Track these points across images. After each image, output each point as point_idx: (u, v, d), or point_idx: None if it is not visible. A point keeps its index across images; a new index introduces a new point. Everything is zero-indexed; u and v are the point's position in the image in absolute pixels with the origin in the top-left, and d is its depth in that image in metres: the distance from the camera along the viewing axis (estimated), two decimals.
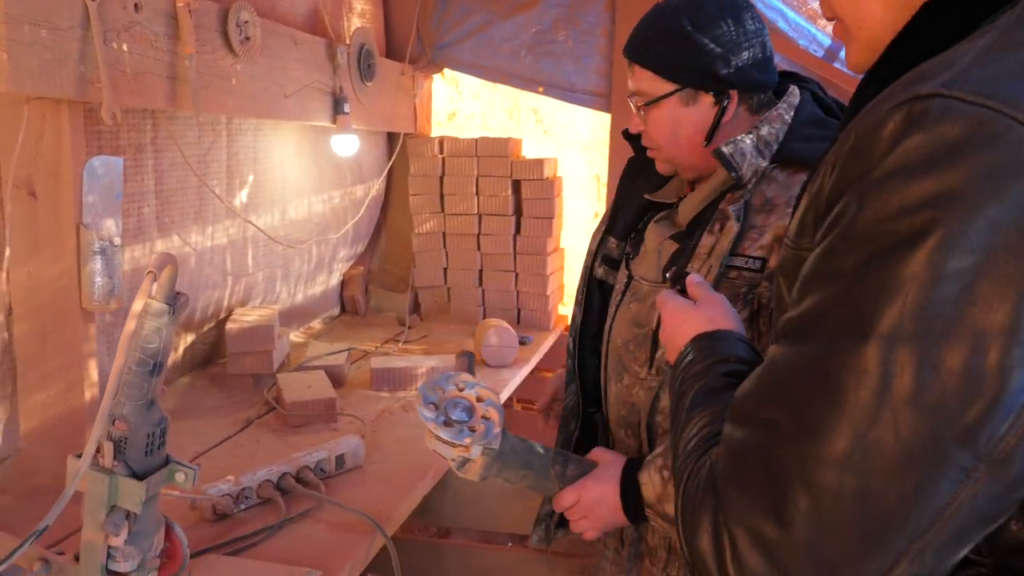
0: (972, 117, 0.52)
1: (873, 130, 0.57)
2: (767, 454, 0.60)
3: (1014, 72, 0.54)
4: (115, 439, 0.99)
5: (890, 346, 0.54)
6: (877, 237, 0.55)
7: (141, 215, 1.94)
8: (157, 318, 0.98)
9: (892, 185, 0.55)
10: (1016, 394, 0.52)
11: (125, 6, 1.58)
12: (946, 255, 0.52)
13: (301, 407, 1.98)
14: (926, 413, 0.53)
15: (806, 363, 0.59)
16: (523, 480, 1.25)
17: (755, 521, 0.59)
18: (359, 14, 2.85)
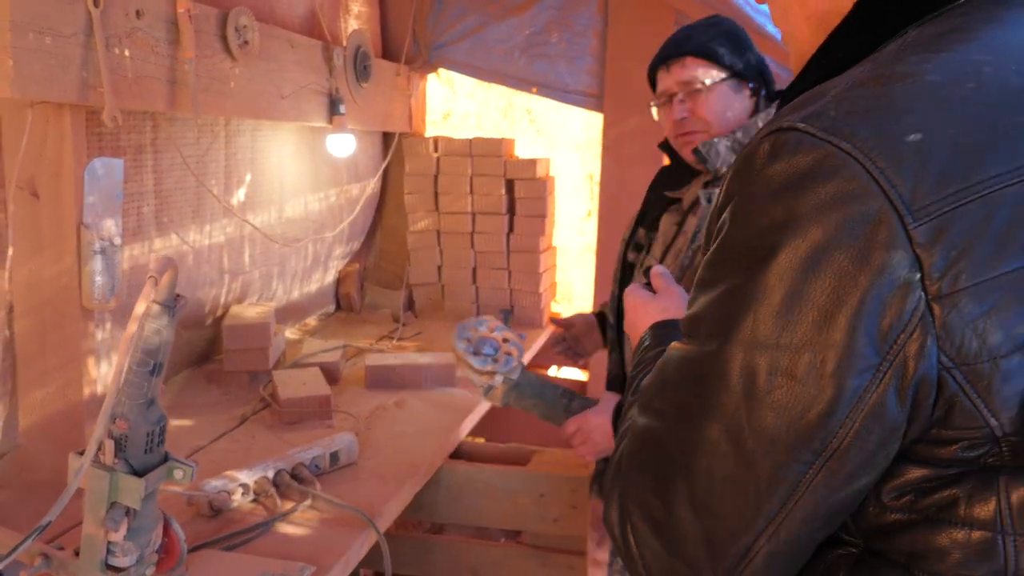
0: (819, 151, 0.58)
1: (750, 154, 0.62)
2: (657, 440, 0.67)
3: (864, 110, 0.58)
4: (116, 437, 1.04)
5: (748, 352, 0.60)
6: (741, 253, 0.62)
7: (140, 214, 1.97)
8: (157, 320, 1.02)
9: (754, 207, 0.61)
10: (848, 399, 0.57)
11: (127, 12, 1.61)
12: (788, 273, 0.58)
13: (296, 404, 2.02)
14: (776, 412, 0.59)
15: (686, 361, 0.66)
16: (535, 408, 1.53)
17: (647, 500, 0.67)
18: (355, 16, 2.89)
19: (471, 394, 2.33)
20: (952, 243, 0.55)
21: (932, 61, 0.61)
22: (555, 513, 1.86)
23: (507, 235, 3.14)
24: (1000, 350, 0.56)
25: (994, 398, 0.57)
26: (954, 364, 0.57)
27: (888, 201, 0.55)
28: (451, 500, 1.90)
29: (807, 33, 0.74)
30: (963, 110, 0.58)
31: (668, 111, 1.55)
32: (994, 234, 0.55)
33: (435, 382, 2.36)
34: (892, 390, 0.57)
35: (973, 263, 0.55)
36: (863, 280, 0.56)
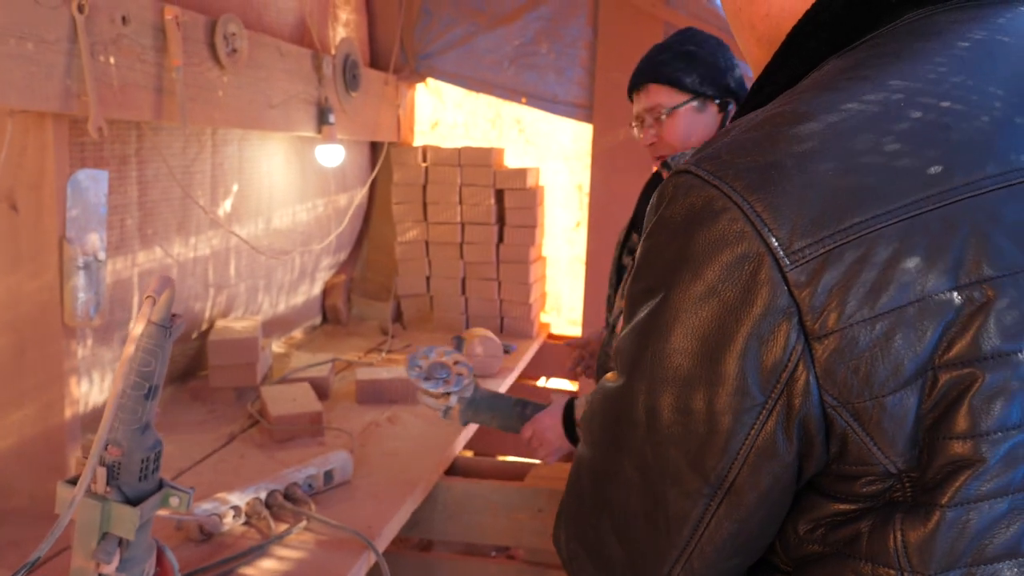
0: (706, 194, 0.59)
1: (660, 193, 0.64)
2: (588, 471, 0.70)
3: (751, 153, 0.59)
4: (108, 464, 0.98)
5: (650, 386, 0.62)
6: (645, 290, 0.63)
7: (124, 227, 1.91)
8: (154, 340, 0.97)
9: (657, 245, 0.63)
10: (738, 435, 0.58)
11: (113, 19, 1.56)
12: (681, 311, 0.59)
13: (287, 421, 1.97)
14: (676, 446, 0.61)
15: (607, 394, 0.67)
16: (493, 421, 1.62)
17: (582, 526, 0.70)
18: (344, 24, 2.84)
19: None
20: (828, 284, 0.55)
21: (826, 101, 0.60)
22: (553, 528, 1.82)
23: (497, 245, 3.10)
24: (882, 389, 0.55)
25: (882, 436, 0.56)
26: (838, 402, 0.56)
27: (764, 244, 0.56)
28: (448, 517, 1.86)
29: (759, 54, 0.76)
30: (842, 150, 0.57)
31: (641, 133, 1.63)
32: (872, 274, 0.55)
33: None
34: (779, 427, 0.58)
35: (850, 303, 0.55)
36: (745, 320, 0.57)
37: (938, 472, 0.56)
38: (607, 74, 2.93)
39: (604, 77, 2.94)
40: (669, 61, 1.54)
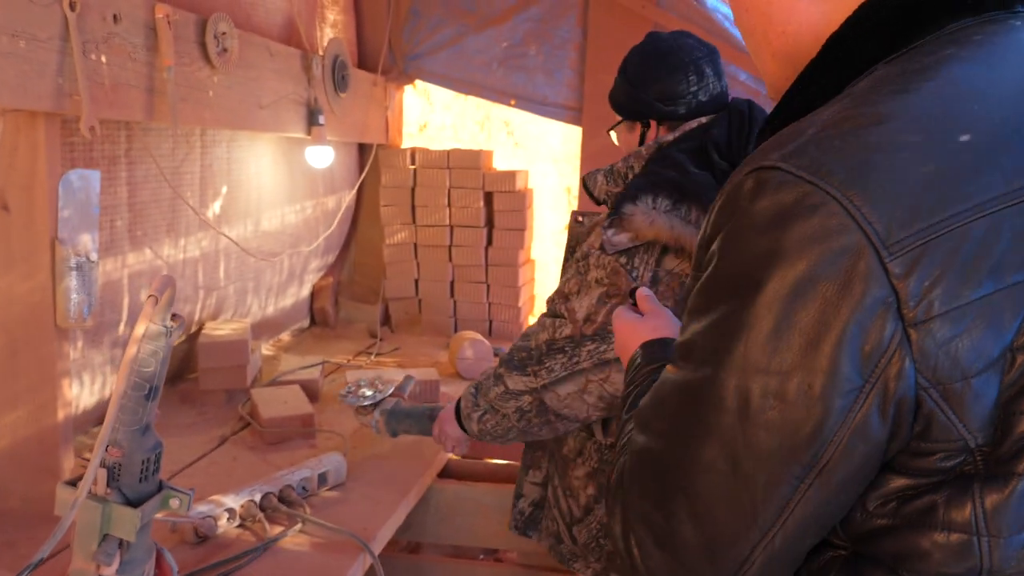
0: (799, 189, 0.62)
1: (735, 189, 0.67)
2: (656, 460, 0.71)
3: (839, 150, 0.62)
4: (108, 466, 0.97)
5: (741, 377, 0.64)
6: (731, 283, 0.66)
7: (113, 228, 1.89)
8: (154, 341, 0.96)
9: (742, 240, 0.65)
10: (835, 419, 0.62)
11: (104, 17, 1.54)
12: (776, 303, 0.62)
13: (278, 423, 1.96)
14: (769, 432, 0.63)
15: (682, 386, 0.70)
16: (412, 428, 1.79)
17: (649, 514, 0.70)
18: (332, 24, 2.84)
19: None
20: (924, 274, 0.59)
21: (900, 102, 0.64)
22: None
23: (485, 248, 3.10)
24: (971, 370, 0.61)
25: (967, 414, 0.62)
26: (930, 384, 0.61)
27: (865, 237, 0.59)
28: (440, 520, 1.85)
29: (775, 68, 0.81)
30: (932, 149, 0.62)
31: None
32: (961, 265, 0.59)
33: (418, 399, 2.30)
34: (875, 409, 0.61)
35: (944, 292, 0.59)
36: (845, 309, 0.60)
37: (1013, 445, 0.62)
38: (596, 76, 2.94)
39: (593, 79, 2.95)
40: (616, 86, 1.69)
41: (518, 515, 1.72)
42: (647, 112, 1.58)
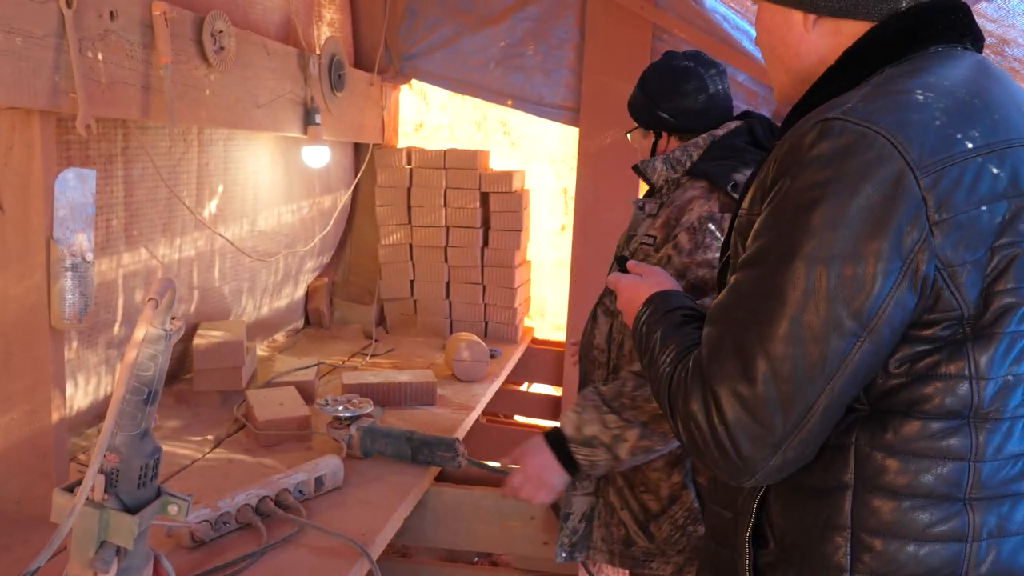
0: (857, 131, 0.90)
1: (800, 138, 0.94)
2: (737, 338, 0.93)
3: (881, 109, 0.92)
4: (106, 471, 0.96)
5: (811, 264, 0.89)
6: (801, 200, 0.91)
7: (109, 227, 1.87)
8: (153, 345, 0.95)
9: (810, 170, 0.91)
10: (884, 290, 0.88)
11: (101, 14, 1.52)
12: (840, 211, 0.88)
13: (274, 425, 1.94)
14: (834, 303, 0.88)
15: (760, 278, 0.93)
16: (387, 448, 1.81)
17: (732, 382, 0.92)
18: (328, 23, 2.82)
19: (453, 412, 2.27)
20: (943, 189, 0.88)
21: (912, 83, 0.95)
22: (545, 536, 1.81)
23: (482, 249, 3.09)
24: (968, 258, 0.89)
25: (963, 290, 0.90)
26: (942, 266, 0.89)
27: (906, 163, 0.88)
28: (438, 524, 1.84)
29: (785, 79, 1.11)
30: (936, 112, 0.92)
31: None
32: (965, 187, 0.89)
33: (415, 400, 2.29)
34: (908, 284, 0.89)
35: (954, 203, 0.89)
36: (894, 212, 0.88)
37: (993, 314, 0.91)
38: (594, 76, 2.93)
39: (591, 79, 2.94)
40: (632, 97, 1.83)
41: (570, 535, 1.69)
42: (660, 124, 1.77)
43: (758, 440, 0.91)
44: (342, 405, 1.90)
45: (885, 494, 0.93)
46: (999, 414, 0.92)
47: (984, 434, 0.91)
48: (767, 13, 1.09)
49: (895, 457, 0.92)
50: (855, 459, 0.94)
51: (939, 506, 0.92)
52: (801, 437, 0.91)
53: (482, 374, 2.58)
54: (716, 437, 0.92)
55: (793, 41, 1.06)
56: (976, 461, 0.91)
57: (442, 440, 1.82)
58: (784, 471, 0.94)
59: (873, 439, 0.93)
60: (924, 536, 0.92)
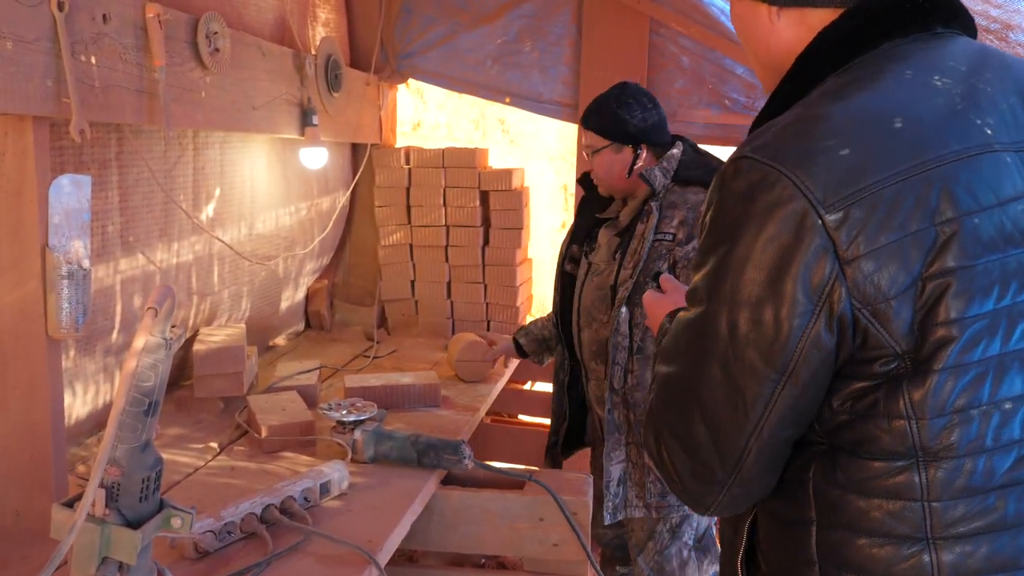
0: (763, 171, 0.86)
1: (722, 173, 0.92)
2: (676, 381, 0.95)
3: (791, 143, 0.87)
4: (107, 486, 0.93)
5: (728, 307, 0.88)
6: (715, 243, 0.90)
7: (105, 234, 1.84)
8: (153, 354, 0.92)
9: (724, 209, 0.90)
10: (796, 334, 0.85)
11: (93, 17, 1.50)
12: (749, 252, 0.86)
13: (278, 431, 1.91)
14: (748, 348, 0.87)
15: (690, 322, 0.94)
16: (392, 451, 1.80)
17: (673, 424, 0.95)
18: (324, 23, 2.79)
19: (458, 413, 2.25)
20: (852, 226, 0.83)
21: (834, 107, 0.89)
22: (555, 538, 1.79)
23: (482, 248, 3.06)
24: (889, 295, 0.83)
25: (890, 327, 0.84)
26: (861, 305, 0.84)
27: (808, 202, 0.83)
28: (445, 528, 1.81)
29: (763, 74, 1.08)
30: (854, 139, 0.85)
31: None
32: (877, 219, 0.82)
33: (419, 402, 2.27)
34: (823, 326, 0.85)
35: (865, 238, 0.83)
36: (798, 253, 0.84)
37: (929, 349, 0.84)
38: (592, 72, 2.90)
39: (589, 75, 2.91)
40: (596, 112, 2.03)
41: (613, 499, 1.97)
42: (641, 138, 1.99)
43: (699, 478, 0.93)
44: (345, 409, 1.88)
45: (845, 530, 0.90)
46: (951, 452, 0.85)
47: (938, 471, 0.86)
48: (737, 7, 1.06)
49: (851, 494, 0.89)
50: (813, 495, 0.92)
51: (900, 544, 0.88)
52: (741, 477, 0.91)
53: (486, 373, 2.55)
54: (666, 472, 0.97)
55: (761, 34, 1.03)
56: (930, 500, 0.86)
57: (448, 443, 1.79)
58: (739, 505, 0.96)
59: (826, 476, 0.91)
60: (888, 574, 0.88)
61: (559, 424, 2.28)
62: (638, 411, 1.95)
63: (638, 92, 2.04)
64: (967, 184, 0.84)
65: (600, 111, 2.03)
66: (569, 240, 2.23)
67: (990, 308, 0.84)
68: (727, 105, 2.84)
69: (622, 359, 1.95)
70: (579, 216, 2.24)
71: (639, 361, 1.95)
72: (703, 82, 2.85)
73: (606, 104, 2.02)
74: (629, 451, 1.99)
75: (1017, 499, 0.86)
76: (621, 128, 1.99)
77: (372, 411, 1.88)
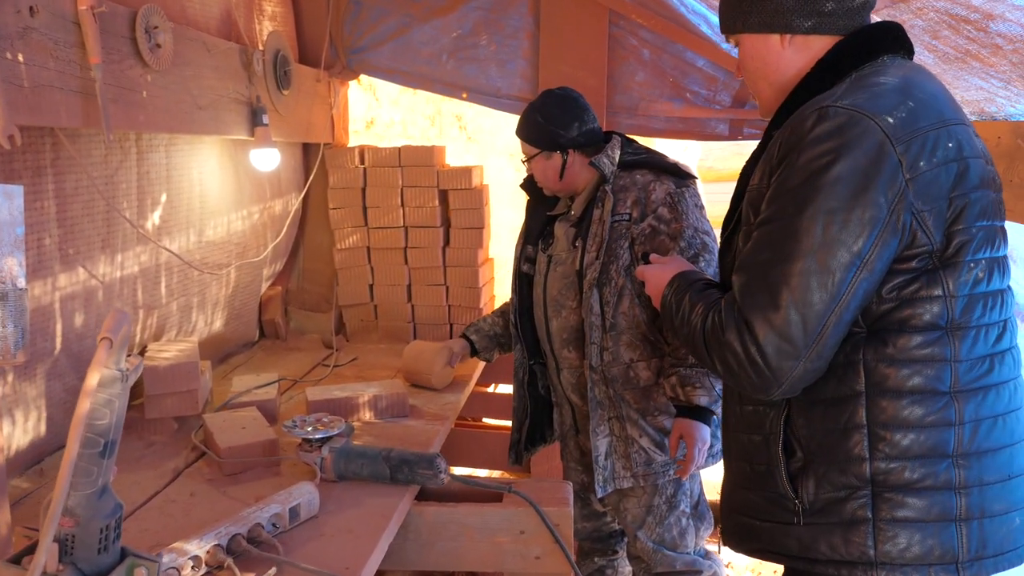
0: (846, 114, 1.18)
1: (801, 123, 1.21)
2: (764, 275, 1.20)
3: (862, 97, 1.20)
4: (60, 539, 0.82)
5: (820, 214, 1.16)
6: (807, 168, 1.18)
7: (41, 247, 1.70)
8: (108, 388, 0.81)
9: (813, 145, 1.18)
10: (875, 231, 1.15)
11: (19, 10, 1.36)
12: (839, 174, 1.16)
13: (238, 452, 1.79)
14: (838, 243, 1.15)
15: (779, 229, 1.20)
16: (363, 468, 1.71)
17: (762, 310, 1.18)
18: (270, 17, 2.65)
19: (428, 423, 2.15)
20: (912, 155, 1.17)
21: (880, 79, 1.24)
22: (537, 550, 1.71)
23: (443, 248, 2.97)
24: (933, 206, 1.17)
25: (931, 231, 1.18)
26: (917, 210, 1.16)
27: (886, 136, 1.16)
28: (422, 546, 1.72)
29: (768, 92, 1.39)
30: (906, 97, 1.21)
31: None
32: (927, 153, 1.17)
33: (387, 413, 2.17)
34: (893, 224, 1.16)
35: (919, 163, 1.17)
36: (879, 171, 1.16)
37: (953, 248, 1.19)
38: (551, 66, 2.83)
39: (549, 68, 2.84)
40: (524, 123, 2.15)
41: (602, 472, 2.04)
42: (569, 146, 2.09)
43: (784, 353, 1.17)
44: (311, 426, 1.77)
45: (890, 396, 1.20)
46: (967, 323, 1.20)
47: (958, 341, 1.20)
48: (748, 43, 1.37)
49: (894, 366, 1.20)
50: (864, 371, 1.21)
51: (931, 400, 1.19)
52: (817, 350, 1.17)
53: (448, 380, 2.47)
54: (750, 357, 1.18)
55: (773, 59, 1.35)
56: (955, 362, 1.20)
57: (422, 456, 1.70)
58: (804, 381, 1.20)
59: (877, 353, 1.20)
60: (923, 424, 1.19)
61: (520, 422, 2.29)
62: (616, 385, 2.03)
63: (562, 99, 2.12)
64: (963, 140, 1.22)
65: (527, 121, 2.14)
66: (523, 242, 2.28)
67: (985, 224, 1.21)
68: (688, 98, 2.79)
69: (597, 338, 2.02)
70: (529, 218, 2.31)
71: (612, 338, 2.02)
72: (664, 75, 2.80)
73: (531, 115, 2.13)
74: (612, 425, 2.05)
75: (1000, 363, 1.23)
76: (546, 137, 2.09)
77: (340, 426, 1.78)
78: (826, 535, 1.24)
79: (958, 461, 1.20)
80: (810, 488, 1.25)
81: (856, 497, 1.21)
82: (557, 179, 2.12)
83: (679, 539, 2.12)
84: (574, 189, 2.14)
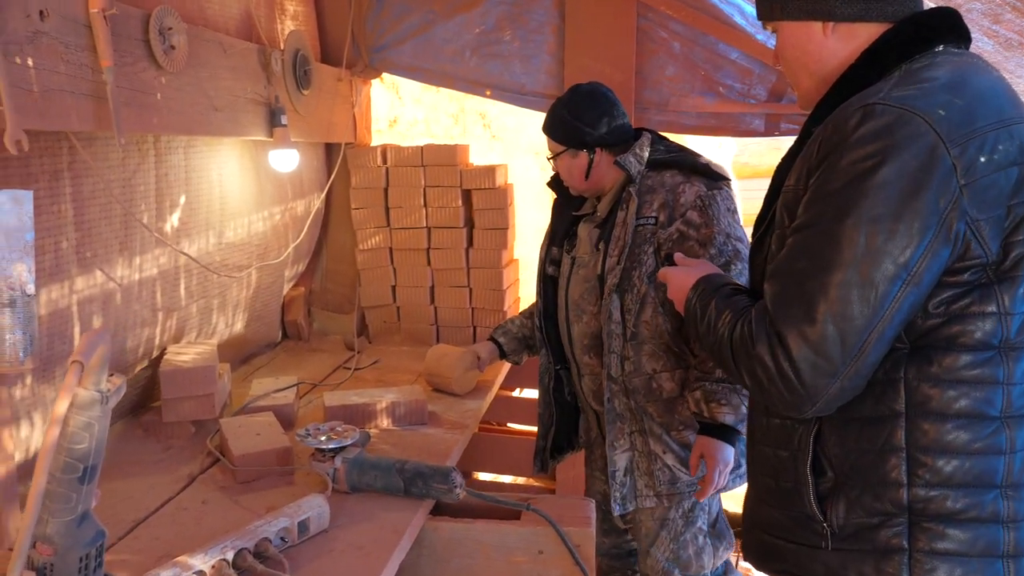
0: (895, 112, 1.08)
1: (844, 121, 1.11)
2: (799, 285, 1.10)
3: (913, 94, 1.09)
4: (38, 567, 0.79)
5: (863, 222, 1.07)
6: (850, 171, 1.09)
7: (59, 251, 1.69)
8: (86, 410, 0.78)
9: (858, 146, 1.08)
10: (924, 243, 1.05)
11: (28, 14, 1.34)
12: (885, 178, 1.06)
13: (252, 460, 1.77)
14: (883, 254, 1.06)
15: (817, 235, 1.10)
16: (377, 481, 1.67)
17: (796, 323, 1.09)
18: (291, 16, 2.63)
19: (447, 432, 2.11)
20: (968, 158, 1.06)
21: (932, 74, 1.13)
22: (555, 573, 1.65)
23: (466, 250, 2.92)
24: (990, 214, 1.07)
25: (987, 241, 1.08)
26: (972, 219, 1.06)
27: (938, 136, 1.06)
28: (435, 563, 1.68)
29: (809, 83, 1.28)
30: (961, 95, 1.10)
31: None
32: (984, 156, 1.07)
33: (405, 420, 2.13)
34: (943, 237, 1.06)
35: (975, 169, 1.06)
36: (930, 177, 1.05)
37: (1012, 261, 1.09)
38: (577, 61, 2.76)
39: (574, 64, 2.77)
40: (551, 119, 2.06)
41: (620, 489, 1.96)
42: (597, 144, 2.00)
43: (819, 371, 1.08)
44: (325, 435, 1.74)
45: (932, 418, 1.11)
46: (1022, 343, 1.11)
47: (1013, 362, 1.10)
48: (788, 30, 1.27)
49: (939, 386, 1.10)
50: (905, 390, 1.12)
51: (979, 425, 1.10)
52: (856, 368, 1.08)
53: (472, 384, 2.43)
54: (782, 372, 1.09)
55: (814, 49, 1.24)
56: (1008, 384, 1.10)
57: (437, 470, 1.66)
58: (840, 399, 1.11)
59: (920, 372, 1.11)
60: (969, 451, 1.10)
61: (547, 428, 2.21)
62: (638, 397, 1.94)
63: (590, 94, 2.03)
64: None
65: (554, 117, 2.06)
66: (548, 243, 2.22)
67: None
68: (721, 93, 2.70)
69: (617, 347, 1.93)
70: (555, 218, 2.24)
71: (633, 347, 1.93)
72: (696, 69, 2.72)
73: (558, 111, 2.05)
74: (634, 439, 1.97)
75: None
76: (573, 134, 2.01)
77: (354, 436, 1.74)
78: (856, 563, 1.16)
79: (1007, 492, 1.11)
80: (840, 511, 1.17)
81: (891, 524, 1.14)
82: (583, 178, 2.04)
83: (695, 559, 2.02)
84: (600, 189, 2.06)
